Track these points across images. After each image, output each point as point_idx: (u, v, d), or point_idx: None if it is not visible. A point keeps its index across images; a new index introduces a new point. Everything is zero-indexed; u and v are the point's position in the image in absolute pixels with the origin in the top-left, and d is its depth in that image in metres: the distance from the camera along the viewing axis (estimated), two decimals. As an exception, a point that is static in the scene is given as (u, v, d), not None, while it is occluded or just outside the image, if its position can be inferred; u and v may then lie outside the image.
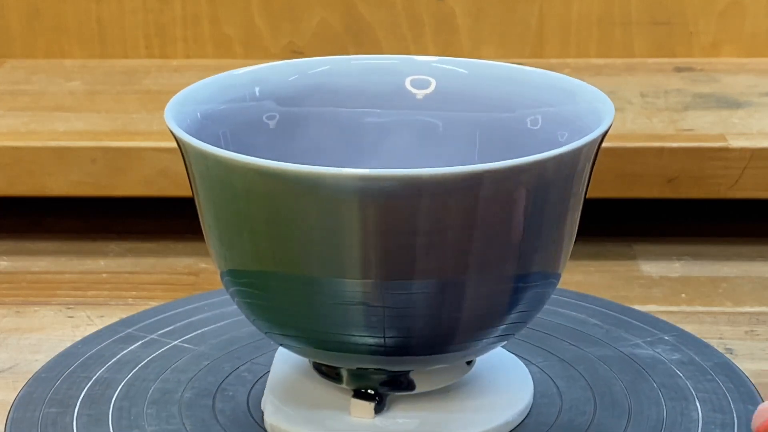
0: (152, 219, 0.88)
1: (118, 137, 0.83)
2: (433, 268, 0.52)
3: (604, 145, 0.80)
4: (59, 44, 1.02)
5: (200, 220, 0.57)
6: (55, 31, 1.02)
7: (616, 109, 0.87)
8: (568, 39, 1.01)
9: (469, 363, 0.60)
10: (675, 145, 0.81)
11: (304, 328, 0.55)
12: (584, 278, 0.79)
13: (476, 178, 0.51)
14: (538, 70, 0.63)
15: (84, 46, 1.02)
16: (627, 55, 1.01)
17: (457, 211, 0.51)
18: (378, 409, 0.58)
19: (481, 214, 0.52)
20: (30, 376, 0.65)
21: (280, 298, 0.55)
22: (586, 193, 0.57)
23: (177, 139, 0.55)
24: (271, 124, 0.63)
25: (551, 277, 0.57)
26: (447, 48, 1.01)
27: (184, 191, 0.59)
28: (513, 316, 0.56)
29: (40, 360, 0.68)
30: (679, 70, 0.98)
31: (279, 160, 0.51)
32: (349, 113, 0.64)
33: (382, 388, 0.58)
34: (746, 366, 0.66)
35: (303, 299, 0.54)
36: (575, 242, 0.58)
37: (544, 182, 0.52)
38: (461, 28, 1.01)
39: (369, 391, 0.58)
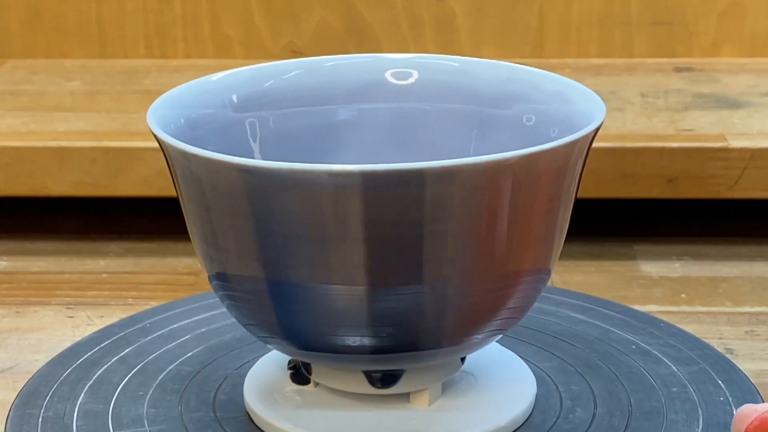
0: (152, 219, 0.88)
1: (118, 137, 0.83)
2: (424, 265, 0.52)
3: (604, 145, 0.81)
4: (59, 44, 1.02)
5: (187, 225, 0.57)
6: (55, 31, 1.02)
7: (616, 109, 0.87)
8: (568, 39, 1.01)
9: (379, 384, 0.60)
10: (675, 145, 0.81)
11: (290, 330, 0.56)
12: (584, 278, 0.79)
13: (463, 172, 0.51)
14: (533, 68, 0.63)
15: (84, 46, 1.02)
16: (627, 55, 1.01)
17: (446, 207, 0.51)
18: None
19: (470, 209, 0.52)
20: (30, 376, 0.65)
21: (263, 302, 0.55)
22: (577, 191, 0.57)
23: (160, 142, 0.55)
24: (256, 128, 0.63)
25: (542, 273, 0.57)
26: (447, 48, 1.01)
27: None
28: (504, 312, 0.56)
29: (40, 360, 0.68)
30: (679, 70, 0.98)
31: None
32: (334, 111, 0.65)
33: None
34: (746, 366, 0.66)
35: (288, 301, 0.54)
36: (575, 242, 0.58)
37: (534, 177, 0.53)
38: (461, 28, 1.01)
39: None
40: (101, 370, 0.65)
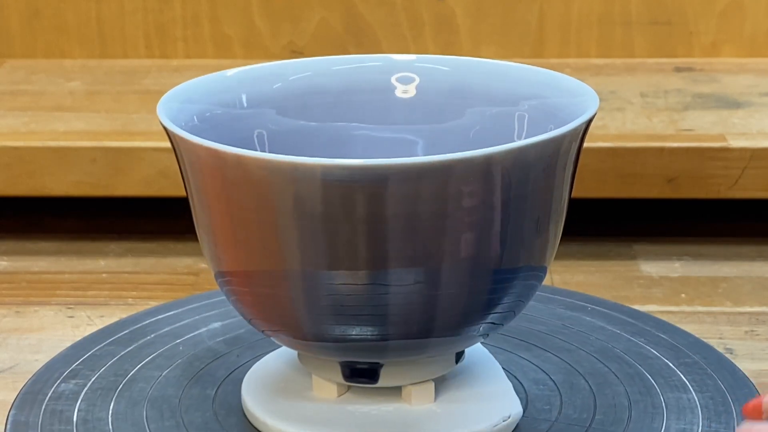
0: (152, 219, 0.88)
1: (118, 137, 0.83)
2: (420, 258, 0.53)
3: (604, 145, 0.81)
4: (59, 44, 1.02)
5: (194, 222, 0.57)
6: (55, 31, 1.02)
7: (616, 109, 0.87)
8: (568, 39, 1.01)
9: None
10: (675, 145, 0.81)
11: (294, 323, 0.56)
12: (584, 278, 0.79)
13: (456, 167, 0.51)
14: (523, 65, 0.64)
15: (84, 46, 1.02)
16: (627, 55, 1.01)
17: (442, 202, 0.52)
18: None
19: (465, 204, 0.52)
20: (30, 376, 0.65)
21: (272, 295, 0.55)
22: (571, 189, 0.57)
23: (171, 136, 0.55)
24: (263, 128, 0.63)
25: (537, 270, 0.57)
26: (447, 48, 1.01)
27: (184, 191, 0.60)
28: (500, 308, 0.56)
29: (40, 360, 0.68)
30: (679, 70, 0.98)
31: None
32: (343, 114, 0.65)
33: None
34: (746, 366, 0.66)
35: (294, 294, 0.54)
36: (575, 242, 0.58)
37: (525, 171, 0.53)
38: (461, 28, 1.01)
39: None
40: (102, 370, 0.65)
